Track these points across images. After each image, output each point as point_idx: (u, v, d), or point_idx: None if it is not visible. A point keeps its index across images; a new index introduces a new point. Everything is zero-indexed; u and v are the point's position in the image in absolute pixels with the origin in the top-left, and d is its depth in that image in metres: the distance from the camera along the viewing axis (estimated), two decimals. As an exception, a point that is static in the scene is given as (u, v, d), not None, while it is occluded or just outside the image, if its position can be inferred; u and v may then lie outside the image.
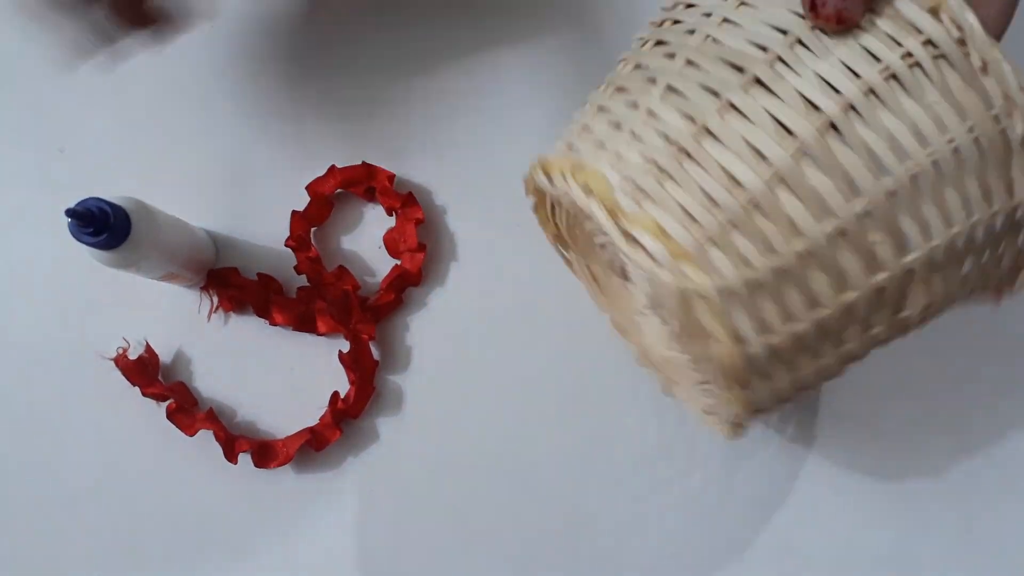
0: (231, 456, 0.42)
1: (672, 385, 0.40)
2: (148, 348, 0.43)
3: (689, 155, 0.27)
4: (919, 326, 0.31)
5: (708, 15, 0.29)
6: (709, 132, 0.27)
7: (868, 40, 0.27)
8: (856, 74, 0.27)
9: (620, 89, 0.30)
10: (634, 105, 0.29)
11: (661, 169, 0.28)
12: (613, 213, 0.28)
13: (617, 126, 0.29)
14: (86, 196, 0.36)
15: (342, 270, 0.43)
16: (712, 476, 0.42)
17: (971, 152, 0.27)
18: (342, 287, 0.43)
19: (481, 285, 0.44)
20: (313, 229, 0.44)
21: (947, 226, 0.28)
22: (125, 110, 0.46)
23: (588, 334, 0.43)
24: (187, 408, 0.42)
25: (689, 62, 0.28)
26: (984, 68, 0.27)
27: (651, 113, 0.28)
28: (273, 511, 0.42)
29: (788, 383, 0.30)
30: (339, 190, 0.44)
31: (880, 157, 0.27)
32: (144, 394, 0.42)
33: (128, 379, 0.42)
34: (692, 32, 0.29)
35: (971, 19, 0.26)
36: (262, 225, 0.44)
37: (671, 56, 0.29)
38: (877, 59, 0.27)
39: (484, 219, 0.44)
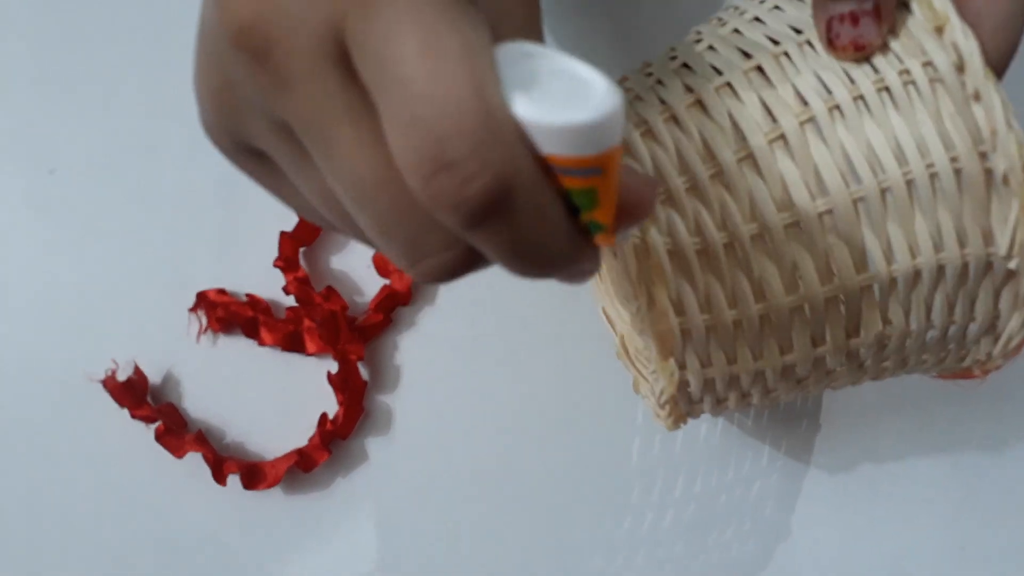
0: (220, 478, 0.41)
1: (640, 382, 0.40)
2: (137, 369, 0.43)
3: (676, 120, 0.28)
4: (880, 372, 0.31)
5: (743, 13, 0.30)
6: (700, 103, 0.28)
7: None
8: (851, 79, 0.27)
9: (647, 66, 0.32)
10: (647, 75, 0.31)
11: (647, 126, 0.29)
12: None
13: (627, 91, 0.30)
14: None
15: (331, 290, 0.43)
16: (705, 494, 0.42)
17: (950, 183, 0.27)
18: (331, 307, 0.42)
19: (471, 304, 0.44)
20: (302, 249, 0.44)
21: (911, 254, 0.27)
22: (115, 130, 0.46)
23: (580, 354, 0.43)
24: (176, 430, 0.42)
25: (710, 47, 0.30)
26: (976, 97, 0.26)
27: (660, 82, 0.30)
28: (262, 533, 0.42)
29: (724, 376, 0.29)
30: (328, 210, 0.44)
31: (855, 163, 0.27)
32: (133, 416, 0.42)
33: (116, 401, 0.42)
34: (724, 24, 0.30)
35: (972, 44, 0.26)
36: (250, 245, 0.44)
37: (698, 41, 0.30)
38: (876, 70, 0.27)
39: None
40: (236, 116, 0.21)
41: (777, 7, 0.30)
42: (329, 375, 0.42)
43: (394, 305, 0.43)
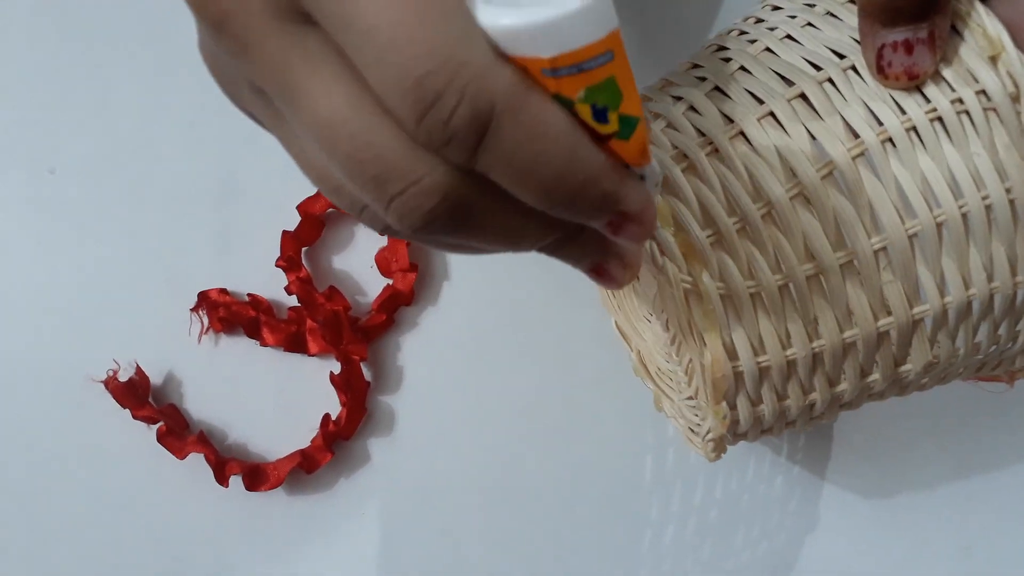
0: (222, 479, 0.41)
1: (663, 399, 0.40)
2: (139, 370, 0.43)
3: (719, 154, 0.27)
4: (919, 388, 0.30)
5: (773, 29, 0.29)
6: (744, 135, 0.27)
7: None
8: (902, 110, 0.26)
9: (669, 84, 0.30)
10: (678, 98, 0.29)
11: (688, 161, 0.27)
12: None
13: (655, 116, 0.29)
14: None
15: (333, 290, 0.43)
16: (710, 496, 0.42)
17: (1004, 214, 0.26)
18: (333, 307, 0.42)
19: (474, 304, 0.43)
20: (304, 249, 0.44)
21: (965, 286, 0.27)
22: (115, 130, 0.45)
23: (584, 355, 0.43)
24: (178, 431, 0.42)
25: (743, 68, 0.28)
26: None
27: (692, 108, 0.28)
28: (265, 534, 0.42)
29: (773, 412, 0.29)
30: (330, 209, 0.44)
31: (909, 197, 0.26)
32: (135, 417, 0.42)
33: (118, 402, 0.42)
34: (754, 42, 0.29)
35: None
36: (252, 245, 0.44)
37: (727, 60, 0.29)
38: (927, 99, 0.26)
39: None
40: (228, 86, 0.22)
41: (810, 24, 0.29)
42: (331, 376, 0.42)
43: (397, 305, 0.43)
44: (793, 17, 0.29)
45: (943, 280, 0.27)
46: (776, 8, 0.30)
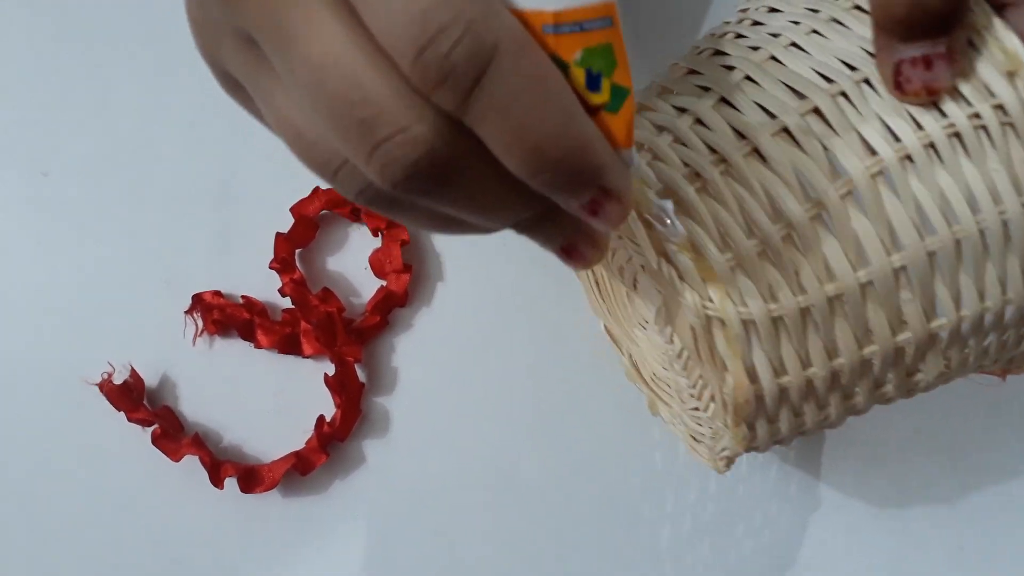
0: (217, 481, 0.41)
1: (659, 404, 0.40)
2: (133, 372, 0.43)
3: (731, 170, 0.26)
4: (924, 391, 0.30)
5: (776, 36, 0.28)
6: (757, 152, 0.26)
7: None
8: (919, 125, 0.26)
9: (666, 91, 0.29)
10: (681, 110, 0.28)
11: (702, 181, 0.27)
12: (645, 219, 0.27)
13: (660, 128, 0.28)
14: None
15: (327, 292, 0.43)
16: (706, 499, 0.42)
17: (1021, 229, 0.26)
18: (327, 309, 0.42)
19: (468, 305, 0.43)
20: (298, 251, 0.44)
21: (980, 300, 0.27)
22: (109, 132, 0.45)
23: (578, 355, 0.43)
24: (172, 433, 0.42)
25: (748, 78, 0.27)
26: None
27: (699, 121, 0.27)
28: (260, 536, 0.42)
29: (789, 428, 0.29)
30: (324, 211, 0.44)
31: (928, 215, 0.26)
32: (129, 419, 0.42)
33: (113, 404, 0.42)
34: (756, 49, 0.28)
35: None
36: (246, 247, 0.44)
37: (730, 68, 0.28)
38: (944, 114, 0.26)
39: (470, 238, 0.44)
40: (212, 41, 0.21)
41: (816, 31, 0.28)
42: (326, 377, 0.42)
43: (391, 307, 0.43)
44: (796, 23, 0.28)
45: (959, 294, 0.27)
46: (773, 10, 0.30)
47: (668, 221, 0.24)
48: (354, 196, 0.20)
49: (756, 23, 0.29)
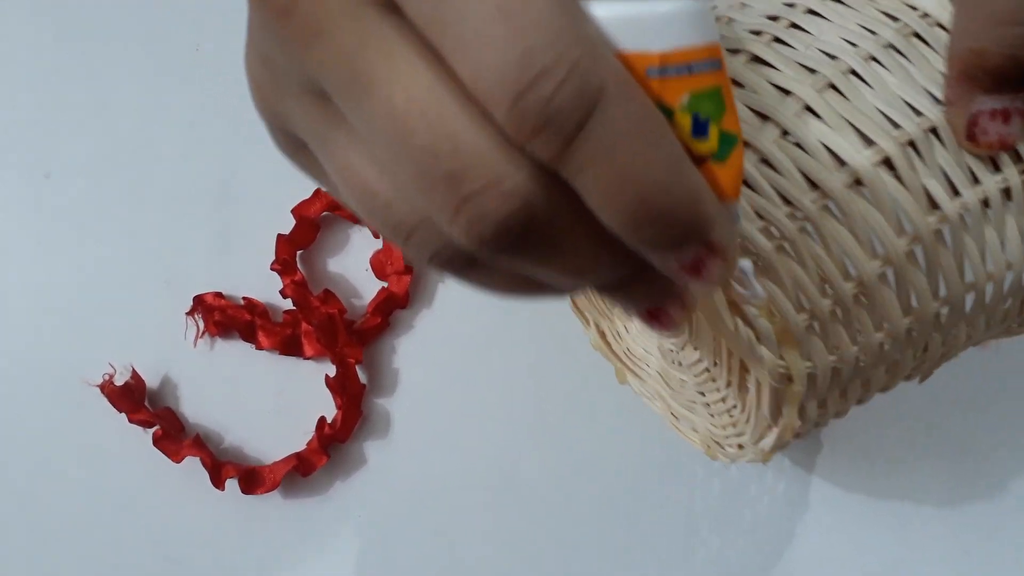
0: (218, 482, 0.41)
1: (627, 375, 0.40)
2: (134, 374, 0.43)
3: (807, 226, 0.25)
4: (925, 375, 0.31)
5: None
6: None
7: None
8: (976, 179, 0.25)
9: None
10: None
11: (777, 240, 0.25)
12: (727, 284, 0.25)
13: None
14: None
15: (328, 293, 0.43)
16: (707, 499, 0.42)
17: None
18: (328, 310, 0.42)
19: (469, 307, 0.43)
20: (299, 252, 0.44)
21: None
22: (110, 133, 0.45)
23: (578, 356, 0.43)
24: (174, 435, 0.42)
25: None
26: None
27: (765, 160, 0.26)
28: (261, 537, 0.42)
29: (812, 420, 0.30)
30: (325, 213, 0.44)
31: (989, 264, 0.26)
32: (130, 420, 0.42)
33: (114, 405, 0.42)
34: (813, 72, 0.26)
35: None
36: (247, 249, 0.44)
37: (784, 92, 0.25)
38: (998, 168, 0.25)
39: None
40: (275, 96, 0.19)
41: (874, 59, 0.26)
42: (327, 379, 0.42)
43: (392, 308, 0.43)
44: (853, 44, 0.26)
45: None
46: (812, 12, 0.28)
47: (748, 283, 0.23)
48: (428, 258, 0.18)
49: (794, 26, 0.27)
